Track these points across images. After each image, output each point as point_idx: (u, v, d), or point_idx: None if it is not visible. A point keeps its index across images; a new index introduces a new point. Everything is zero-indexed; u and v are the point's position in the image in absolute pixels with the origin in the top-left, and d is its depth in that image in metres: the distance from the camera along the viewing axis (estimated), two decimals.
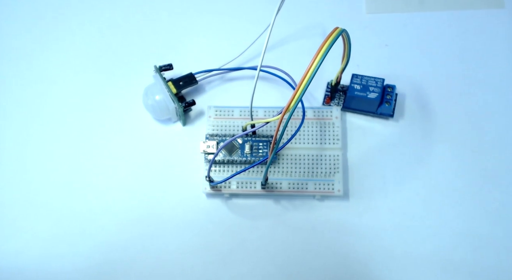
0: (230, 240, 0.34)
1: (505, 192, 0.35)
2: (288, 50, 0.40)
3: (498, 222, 0.34)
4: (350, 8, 0.41)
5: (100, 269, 0.34)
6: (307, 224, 0.35)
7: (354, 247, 0.34)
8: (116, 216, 0.35)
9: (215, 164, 0.35)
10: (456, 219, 0.34)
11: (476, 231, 0.34)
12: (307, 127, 0.36)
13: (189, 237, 0.35)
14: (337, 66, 0.34)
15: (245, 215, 0.35)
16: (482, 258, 0.33)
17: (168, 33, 0.41)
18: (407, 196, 0.35)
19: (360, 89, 0.35)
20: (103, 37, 0.37)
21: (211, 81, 0.39)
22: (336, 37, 0.24)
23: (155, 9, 0.42)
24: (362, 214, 0.35)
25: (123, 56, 0.40)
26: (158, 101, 0.35)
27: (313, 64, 0.23)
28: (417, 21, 0.40)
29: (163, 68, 0.36)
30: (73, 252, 0.34)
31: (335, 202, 0.35)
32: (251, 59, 0.39)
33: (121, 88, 0.39)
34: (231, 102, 0.37)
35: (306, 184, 0.34)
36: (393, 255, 0.34)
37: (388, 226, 0.34)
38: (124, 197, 0.36)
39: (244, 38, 0.37)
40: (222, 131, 0.36)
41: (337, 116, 0.36)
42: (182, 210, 0.35)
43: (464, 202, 0.35)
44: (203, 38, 0.40)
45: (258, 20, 0.37)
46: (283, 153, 0.35)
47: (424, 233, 0.34)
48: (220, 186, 0.34)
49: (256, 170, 0.35)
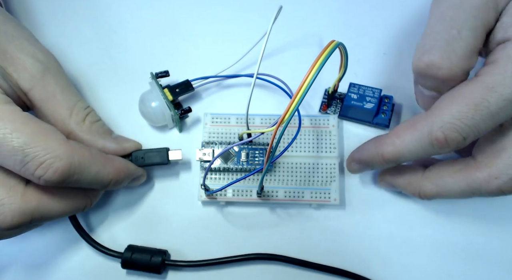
0: (226, 248, 0.34)
1: (502, 202, 0.35)
2: (285, 58, 0.39)
3: (495, 233, 0.34)
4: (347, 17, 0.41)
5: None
6: (303, 233, 0.35)
7: (350, 256, 0.34)
8: None
9: (210, 172, 0.35)
10: (453, 229, 0.34)
11: (472, 241, 0.34)
12: (304, 135, 0.36)
13: (184, 245, 0.34)
14: (335, 72, 0.34)
15: (241, 223, 0.35)
16: (479, 269, 0.33)
17: (165, 39, 0.40)
18: (403, 205, 0.35)
19: (357, 98, 0.35)
20: (100, 43, 0.37)
21: (207, 88, 0.39)
22: (331, 51, 0.23)
23: (152, 15, 0.41)
24: (358, 223, 0.35)
25: (120, 63, 0.40)
26: (154, 108, 0.35)
27: (308, 77, 0.23)
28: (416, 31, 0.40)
29: (159, 75, 0.36)
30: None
31: (332, 211, 0.35)
32: (248, 66, 0.39)
33: (117, 94, 0.39)
34: (228, 109, 0.37)
35: (302, 192, 0.34)
36: (390, 265, 0.34)
37: (385, 235, 0.34)
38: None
39: (241, 46, 0.37)
40: (218, 139, 0.36)
41: (333, 124, 0.36)
42: (177, 218, 0.35)
43: (461, 212, 0.35)
44: (200, 45, 0.40)
45: (255, 28, 0.37)
46: (279, 161, 0.35)
47: (421, 243, 0.34)
48: (216, 194, 0.34)
49: (252, 178, 0.35)
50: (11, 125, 0.26)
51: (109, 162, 0.31)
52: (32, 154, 0.26)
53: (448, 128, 0.26)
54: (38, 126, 0.27)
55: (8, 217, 0.27)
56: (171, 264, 0.33)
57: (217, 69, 0.37)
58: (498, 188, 0.27)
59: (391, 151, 0.29)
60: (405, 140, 0.28)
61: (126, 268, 0.33)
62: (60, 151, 0.27)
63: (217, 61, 0.38)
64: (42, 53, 0.32)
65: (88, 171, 0.29)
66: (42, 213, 0.28)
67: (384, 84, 0.37)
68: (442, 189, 0.30)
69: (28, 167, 0.26)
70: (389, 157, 0.30)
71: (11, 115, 0.27)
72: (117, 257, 0.33)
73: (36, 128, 0.27)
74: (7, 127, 0.26)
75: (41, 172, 0.26)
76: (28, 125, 0.27)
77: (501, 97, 0.25)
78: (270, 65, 0.38)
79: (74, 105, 0.32)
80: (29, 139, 0.26)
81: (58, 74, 0.32)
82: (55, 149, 0.27)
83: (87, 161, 0.28)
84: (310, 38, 0.40)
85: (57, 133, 0.28)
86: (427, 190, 0.30)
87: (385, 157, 0.30)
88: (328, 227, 0.35)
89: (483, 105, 0.25)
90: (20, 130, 0.26)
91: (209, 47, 0.40)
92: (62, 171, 0.27)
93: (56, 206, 0.29)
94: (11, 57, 0.30)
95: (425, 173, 0.31)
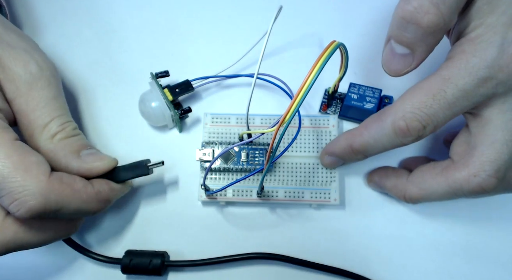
0: (226, 248, 0.34)
1: (502, 202, 0.35)
2: (285, 58, 0.39)
3: (495, 233, 0.34)
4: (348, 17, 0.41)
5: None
6: (303, 233, 0.35)
7: (350, 256, 0.34)
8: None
9: (210, 172, 0.35)
10: (453, 229, 0.34)
11: (472, 241, 0.34)
12: (304, 135, 0.36)
13: (184, 245, 0.34)
14: (335, 72, 0.34)
15: (241, 223, 0.35)
16: (479, 269, 0.33)
17: (165, 39, 0.40)
18: (404, 205, 0.35)
19: (357, 98, 0.35)
20: (99, 43, 0.37)
21: (207, 88, 0.39)
22: (332, 51, 0.23)
23: (152, 15, 0.41)
24: (358, 223, 0.35)
25: (120, 63, 0.40)
26: (154, 108, 0.35)
27: (309, 78, 0.23)
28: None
29: (159, 75, 0.36)
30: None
31: (331, 211, 0.35)
32: (248, 66, 0.39)
33: (117, 94, 0.39)
34: (228, 109, 0.37)
35: (302, 192, 0.34)
36: (390, 265, 0.34)
37: (385, 235, 0.34)
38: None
39: (241, 46, 0.37)
40: (218, 139, 0.36)
41: (333, 124, 0.36)
42: (177, 218, 0.35)
43: (461, 213, 0.35)
44: (200, 45, 0.40)
45: (255, 28, 0.37)
46: (279, 161, 0.35)
47: (421, 243, 0.34)
48: (216, 194, 0.34)
49: (252, 178, 0.35)
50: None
51: (92, 196, 0.29)
52: (7, 189, 0.26)
53: (409, 118, 0.27)
54: (21, 159, 0.27)
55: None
56: (171, 264, 0.33)
57: (217, 69, 0.37)
58: (478, 185, 0.28)
59: (359, 141, 0.31)
60: (371, 130, 0.30)
61: (127, 273, 0.33)
62: (36, 189, 0.26)
63: (217, 61, 0.38)
64: (36, 64, 0.31)
65: (67, 208, 0.28)
66: (18, 244, 0.28)
67: (384, 84, 0.37)
68: (426, 192, 0.30)
69: (2, 201, 0.26)
70: (357, 148, 0.31)
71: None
72: (116, 263, 0.33)
73: (18, 161, 0.27)
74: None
75: (14, 209, 0.26)
76: (12, 158, 0.26)
77: (456, 87, 0.27)
78: (270, 65, 0.38)
79: (50, 120, 0.30)
80: (8, 172, 0.26)
81: (47, 86, 0.31)
82: (31, 186, 0.26)
83: (66, 198, 0.28)
84: (310, 38, 0.40)
85: (40, 167, 0.27)
86: (412, 194, 0.31)
87: (354, 148, 0.31)
88: (328, 227, 0.35)
89: (440, 95, 0.27)
90: (2, 162, 0.26)
91: (209, 47, 0.40)
92: (35, 210, 0.26)
93: (34, 238, 0.28)
94: (3, 65, 0.30)
95: (409, 177, 0.32)
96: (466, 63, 0.27)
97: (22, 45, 0.32)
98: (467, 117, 0.29)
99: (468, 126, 0.29)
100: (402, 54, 0.29)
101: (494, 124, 0.27)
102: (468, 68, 0.26)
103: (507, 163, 0.27)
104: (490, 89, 0.27)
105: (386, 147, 0.30)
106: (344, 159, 0.33)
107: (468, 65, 0.26)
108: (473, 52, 0.27)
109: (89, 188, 0.29)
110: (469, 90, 0.27)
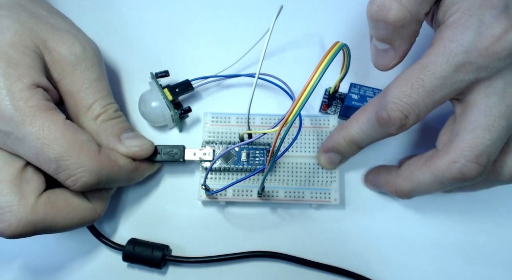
0: (226, 248, 0.34)
1: (502, 202, 0.35)
2: (285, 58, 0.39)
3: (495, 233, 0.34)
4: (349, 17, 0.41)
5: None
6: (303, 233, 0.35)
7: (350, 256, 0.34)
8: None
9: (211, 172, 0.35)
10: (453, 229, 0.34)
11: (472, 241, 0.34)
12: (304, 135, 0.36)
13: (185, 244, 0.34)
14: (336, 72, 0.34)
15: (241, 223, 0.35)
16: (479, 269, 0.33)
17: (165, 39, 0.40)
18: (404, 205, 0.35)
19: (358, 99, 0.35)
20: (100, 42, 0.37)
21: (207, 88, 0.39)
22: (336, 52, 0.23)
23: (152, 15, 0.41)
24: (358, 223, 0.35)
25: (119, 62, 0.40)
26: (154, 108, 0.35)
27: (312, 79, 0.23)
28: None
29: (159, 75, 0.36)
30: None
31: (332, 211, 0.35)
32: (248, 66, 0.39)
33: (117, 94, 0.38)
34: (228, 109, 0.37)
35: (302, 192, 0.34)
36: (390, 265, 0.34)
37: (385, 235, 0.34)
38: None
39: (241, 46, 0.37)
40: (218, 138, 0.36)
41: (334, 124, 0.36)
42: (178, 217, 0.35)
43: (461, 212, 0.35)
44: (200, 45, 0.40)
45: (255, 28, 0.37)
46: (280, 161, 0.35)
47: (421, 243, 0.34)
48: (216, 194, 0.34)
49: (253, 178, 0.35)
50: (50, 135, 0.28)
51: (133, 171, 0.32)
52: (64, 166, 0.28)
53: (390, 108, 0.27)
54: (74, 138, 0.28)
55: (13, 226, 0.27)
56: (172, 259, 0.33)
57: (217, 69, 0.37)
58: (459, 171, 0.27)
59: (350, 133, 0.31)
60: (360, 122, 0.30)
61: (127, 261, 0.33)
62: (90, 166, 0.29)
63: (217, 61, 0.38)
64: (80, 45, 0.32)
65: (114, 181, 0.31)
66: (47, 226, 0.29)
67: (384, 84, 0.36)
68: (413, 184, 0.30)
69: (59, 177, 0.28)
70: (349, 139, 0.31)
71: (51, 124, 0.28)
72: (119, 249, 0.33)
73: (72, 140, 0.28)
74: (46, 137, 0.27)
75: (71, 184, 0.28)
76: (66, 137, 0.28)
77: (433, 75, 0.27)
78: (270, 65, 0.38)
79: (94, 101, 0.32)
80: (64, 151, 0.28)
81: (91, 67, 0.32)
82: (85, 164, 0.28)
83: (114, 173, 0.30)
84: (311, 38, 0.40)
85: (91, 145, 0.29)
86: (402, 187, 0.31)
87: (347, 140, 0.31)
88: (328, 227, 0.35)
89: (418, 83, 0.27)
90: (57, 141, 0.28)
91: (209, 47, 0.40)
92: (90, 184, 0.29)
93: (62, 221, 0.29)
94: (49, 47, 0.31)
95: (398, 171, 0.32)
96: (444, 49, 0.26)
97: (65, 27, 0.32)
98: (454, 104, 0.29)
99: (455, 113, 0.29)
100: (384, 50, 0.30)
101: (477, 109, 0.27)
102: (445, 54, 0.26)
103: (489, 148, 0.27)
104: (471, 74, 0.26)
105: (374, 137, 0.30)
106: (339, 152, 0.33)
107: (445, 51, 0.26)
108: (450, 38, 0.26)
109: (131, 164, 0.32)
110: (447, 77, 0.26)
